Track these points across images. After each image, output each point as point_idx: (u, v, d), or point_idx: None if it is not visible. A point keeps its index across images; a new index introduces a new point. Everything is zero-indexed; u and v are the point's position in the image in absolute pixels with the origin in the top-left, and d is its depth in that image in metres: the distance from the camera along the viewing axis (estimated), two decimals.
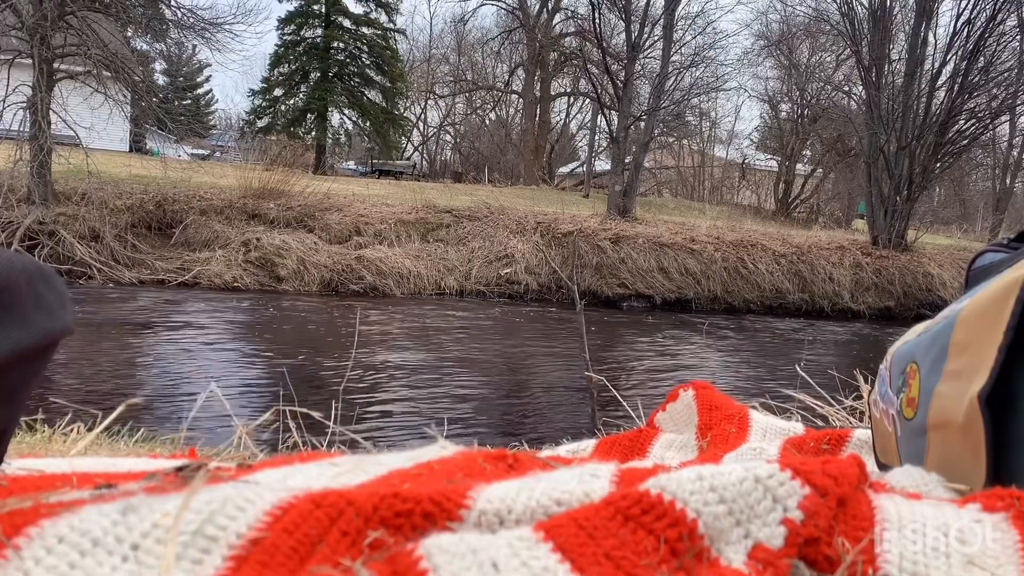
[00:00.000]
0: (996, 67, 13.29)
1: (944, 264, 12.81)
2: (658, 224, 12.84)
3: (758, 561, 0.39)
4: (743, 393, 4.03)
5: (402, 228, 11.93)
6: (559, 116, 26.62)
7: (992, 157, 19.50)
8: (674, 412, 1.28)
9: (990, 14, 12.72)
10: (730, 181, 23.50)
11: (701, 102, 20.53)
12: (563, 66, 22.24)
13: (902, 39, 14.54)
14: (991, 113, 13.48)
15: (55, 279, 0.46)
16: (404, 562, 0.36)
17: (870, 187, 13.58)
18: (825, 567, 0.40)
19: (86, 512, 0.36)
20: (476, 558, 0.36)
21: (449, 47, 29.09)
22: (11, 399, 0.43)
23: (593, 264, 11.43)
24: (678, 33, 14.89)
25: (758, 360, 8.02)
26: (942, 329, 0.64)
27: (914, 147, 12.90)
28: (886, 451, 0.79)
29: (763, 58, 20.26)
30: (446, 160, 30.10)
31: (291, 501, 0.39)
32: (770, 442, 1.06)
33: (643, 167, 15.21)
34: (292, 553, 0.37)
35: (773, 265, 11.96)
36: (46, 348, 0.44)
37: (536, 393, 6.69)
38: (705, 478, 0.42)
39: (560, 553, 0.38)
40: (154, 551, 0.34)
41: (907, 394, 0.69)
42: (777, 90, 21.70)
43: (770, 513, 0.41)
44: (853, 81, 16.64)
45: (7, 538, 0.33)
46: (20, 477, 0.56)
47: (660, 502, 0.41)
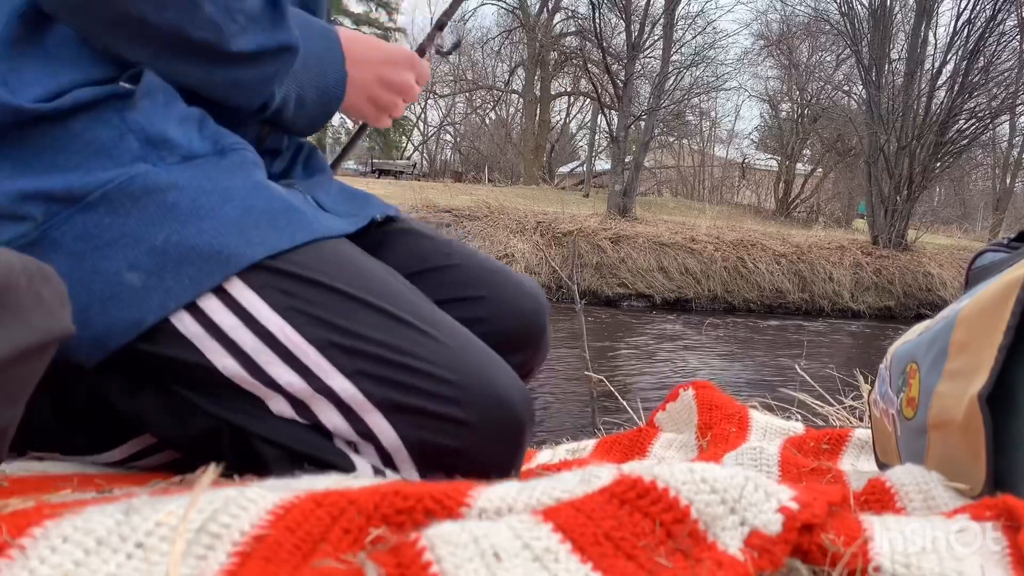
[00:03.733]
0: (996, 67, 13.29)
1: (944, 264, 12.81)
2: (658, 224, 12.84)
3: (753, 548, 0.39)
4: (743, 393, 4.03)
5: None
6: (559, 116, 26.63)
7: (992, 157, 19.50)
8: (674, 412, 1.28)
9: (990, 14, 12.72)
10: (730, 181, 23.50)
11: (701, 102, 20.55)
12: (563, 66, 22.23)
13: (902, 39, 14.54)
14: (991, 113, 13.47)
15: (55, 279, 0.46)
16: (407, 553, 0.36)
17: (870, 187, 13.58)
18: (819, 558, 0.40)
19: (89, 512, 0.36)
20: (478, 547, 0.36)
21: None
22: (11, 399, 0.43)
23: (593, 264, 11.43)
24: (678, 33, 14.91)
25: (758, 360, 8.02)
26: (942, 329, 0.64)
27: (914, 147, 12.90)
28: (886, 451, 0.79)
29: (763, 58, 20.29)
30: (446, 160, 30.13)
31: (293, 501, 0.40)
32: (770, 441, 1.06)
33: (643, 167, 15.21)
34: (295, 549, 0.37)
35: (773, 265, 11.96)
36: (46, 348, 0.44)
37: (536, 393, 6.70)
38: (696, 471, 0.43)
39: (561, 533, 0.38)
40: (159, 548, 0.34)
41: (907, 394, 0.69)
42: (777, 90, 21.72)
43: (765, 502, 0.41)
44: (853, 81, 16.65)
45: (12, 538, 0.33)
46: (21, 478, 0.56)
47: (654, 488, 0.41)
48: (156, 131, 0.60)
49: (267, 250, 0.60)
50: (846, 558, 0.39)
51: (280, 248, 0.60)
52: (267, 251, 0.60)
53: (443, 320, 0.64)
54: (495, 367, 0.63)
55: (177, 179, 0.59)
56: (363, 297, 0.61)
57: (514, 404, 0.62)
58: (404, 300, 0.64)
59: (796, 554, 0.41)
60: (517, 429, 0.62)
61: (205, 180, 0.60)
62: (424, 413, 0.59)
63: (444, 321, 0.64)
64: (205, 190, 0.60)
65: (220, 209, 0.60)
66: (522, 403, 0.63)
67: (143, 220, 0.58)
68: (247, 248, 0.59)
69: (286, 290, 0.60)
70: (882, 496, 0.58)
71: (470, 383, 0.60)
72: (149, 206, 0.58)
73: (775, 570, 0.39)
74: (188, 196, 0.59)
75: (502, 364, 0.64)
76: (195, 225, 0.58)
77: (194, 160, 0.61)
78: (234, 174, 0.62)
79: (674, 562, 0.38)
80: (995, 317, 0.55)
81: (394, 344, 0.60)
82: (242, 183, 0.62)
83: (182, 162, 0.61)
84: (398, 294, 0.64)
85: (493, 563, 0.35)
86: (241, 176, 0.63)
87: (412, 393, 0.59)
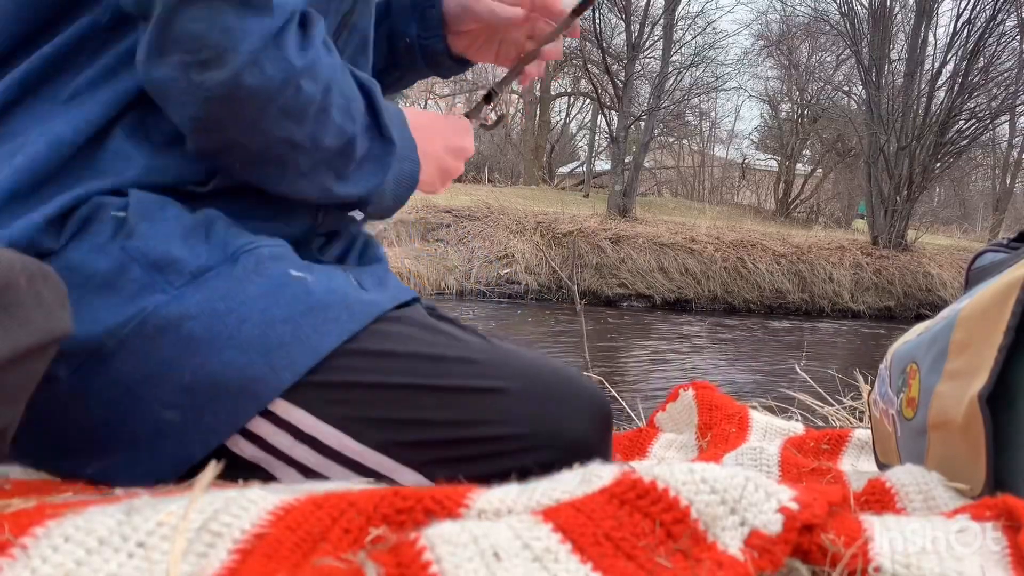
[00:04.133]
0: (996, 67, 13.31)
1: (944, 264, 12.80)
2: (658, 224, 12.83)
3: (754, 548, 0.39)
4: (743, 393, 4.03)
5: (402, 228, 11.92)
6: (559, 116, 26.62)
7: (992, 157, 19.50)
8: (674, 412, 1.28)
9: (990, 14, 12.72)
10: (730, 181, 23.49)
11: (701, 102, 20.54)
12: (563, 66, 22.23)
13: (902, 39, 14.54)
14: (991, 113, 13.48)
15: (55, 279, 0.46)
16: (407, 552, 0.36)
17: (870, 187, 13.57)
18: (819, 558, 0.40)
19: (91, 513, 0.36)
20: (478, 546, 0.36)
21: None
22: (11, 399, 0.43)
23: (593, 264, 11.42)
24: (678, 33, 14.91)
25: (758, 360, 8.02)
26: (942, 329, 0.64)
27: (914, 147, 12.90)
28: (886, 451, 0.79)
29: (763, 58, 20.29)
30: None
31: (292, 503, 0.40)
32: (770, 442, 1.07)
33: (643, 167, 15.21)
34: (296, 548, 0.37)
35: (773, 265, 11.96)
36: (46, 348, 0.44)
37: None
38: (696, 471, 0.43)
39: (561, 533, 0.38)
40: (160, 547, 0.34)
41: (907, 394, 0.69)
42: (777, 90, 21.71)
43: (765, 502, 0.41)
44: (853, 81, 16.65)
45: (14, 537, 0.33)
46: (23, 480, 0.56)
47: (654, 488, 0.41)
48: (160, 254, 0.57)
49: (294, 375, 0.57)
50: (846, 559, 0.39)
51: (307, 366, 0.57)
52: (294, 376, 0.57)
53: (503, 359, 0.62)
54: (565, 405, 0.61)
55: (188, 307, 0.57)
56: (414, 382, 0.59)
57: (587, 440, 0.61)
58: (456, 360, 0.61)
59: (796, 554, 0.41)
60: (588, 455, 0.60)
61: (218, 301, 0.57)
62: (501, 470, 0.58)
63: (506, 361, 0.62)
64: (219, 313, 0.57)
65: (239, 333, 0.57)
66: (595, 435, 0.62)
67: (164, 361, 0.56)
68: (274, 376, 0.57)
69: (334, 399, 0.58)
70: (882, 496, 0.58)
71: (538, 430, 0.59)
72: (166, 345, 0.56)
73: (775, 570, 0.39)
74: (203, 324, 0.56)
75: (573, 393, 0.63)
76: (216, 357, 0.56)
77: (204, 276, 0.58)
78: (249, 282, 0.59)
79: (674, 562, 0.38)
80: (995, 317, 0.55)
81: (457, 419, 0.59)
82: (258, 290, 0.59)
83: (192, 281, 0.58)
84: (447, 356, 0.61)
85: (493, 563, 0.35)
86: (258, 282, 0.59)
87: (482, 461, 0.59)
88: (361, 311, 0.62)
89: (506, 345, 0.65)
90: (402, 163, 0.70)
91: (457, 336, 0.64)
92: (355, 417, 0.58)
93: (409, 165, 0.71)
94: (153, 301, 0.56)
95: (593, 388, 0.65)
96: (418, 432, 0.58)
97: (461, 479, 0.56)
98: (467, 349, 0.63)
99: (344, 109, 0.62)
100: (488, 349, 0.63)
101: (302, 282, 0.61)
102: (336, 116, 0.61)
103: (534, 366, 0.63)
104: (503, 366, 0.62)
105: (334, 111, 0.60)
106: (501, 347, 0.64)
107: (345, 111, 0.62)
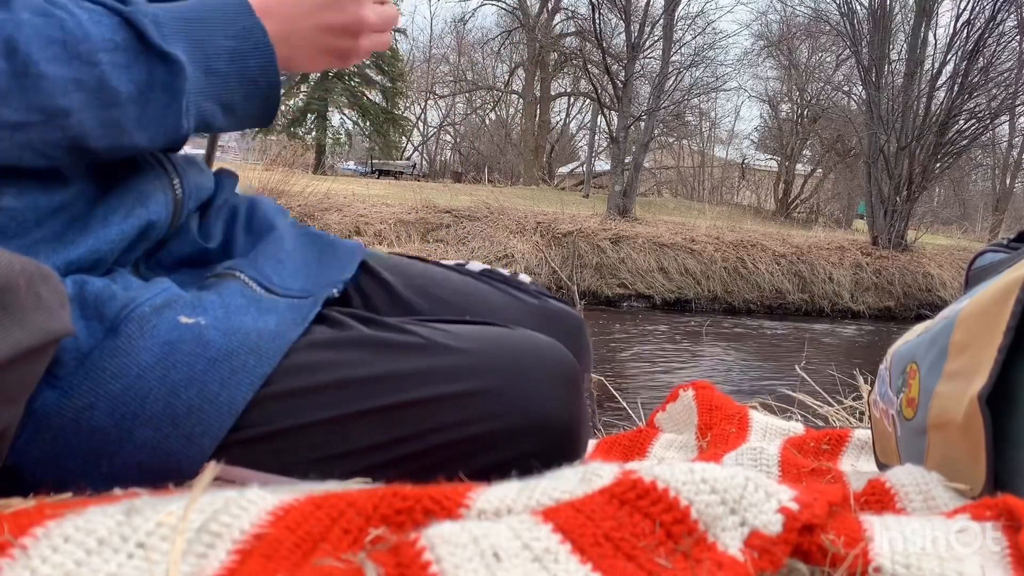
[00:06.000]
0: (996, 67, 13.30)
1: (944, 264, 12.81)
2: (658, 224, 12.84)
3: (754, 548, 0.39)
4: (743, 393, 4.03)
5: (402, 228, 11.92)
6: (559, 116, 26.65)
7: (992, 157, 19.51)
8: (674, 412, 1.28)
9: (990, 14, 12.72)
10: (730, 181, 23.51)
11: (701, 102, 20.54)
12: (563, 66, 22.25)
13: (902, 39, 14.54)
14: (991, 113, 13.48)
15: (55, 279, 0.46)
16: (407, 553, 0.36)
17: (870, 187, 13.57)
18: (819, 559, 0.40)
19: (90, 513, 0.36)
20: (478, 547, 0.36)
21: (449, 47, 29.17)
22: (11, 399, 0.43)
23: (593, 264, 11.43)
24: (678, 33, 14.91)
25: (758, 360, 8.02)
26: (942, 329, 0.64)
27: (914, 147, 12.90)
28: (886, 451, 0.79)
29: (763, 58, 20.31)
30: (446, 160, 30.14)
31: (292, 503, 0.40)
32: (770, 442, 1.07)
33: (643, 167, 15.21)
34: (295, 548, 0.37)
35: (773, 265, 11.96)
36: (46, 348, 0.44)
37: None
38: (696, 471, 0.43)
39: (561, 534, 0.38)
40: (160, 548, 0.34)
41: (907, 394, 0.69)
42: (777, 90, 21.73)
43: (766, 502, 0.41)
44: (853, 81, 16.65)
45: (13, 537, 0.33)
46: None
47: (654, 488, 0.41)
48: None
49: (213, 440, 0.52)
50: (848, 560, 0.39)
51: (226, 428, 0.52)
52: (214, 441, 0.52)
53: (440, 358, 0.57)
54: (528, 385, 0.57)
55: (84, 397, 0.51)
56: (346, 412, 0.54)
57: (556, 419, 0.57)
58: (386, 378, 0.56)
59: (796, 555, 0.41)
60: (561, 432, 0.58)
61: (111, 381, 0.52)
62: (476, 469, 0.55)
63: (442, 358, 0.57)
64: (117, 395, 0.51)
65: (143, 411, 0.52)
66: (564, 410, 0.58)
67: (79, 456, 0.51)
68: (193, 447, 0.52)
69: (267, 451, 0.54)
70: (882, 496, 0.58)
71: (495, 427, 0.56)
72: (73, 443, 0.51)
73: (775, 571, 0.39)
74: (104, 411, 0.51)
75: (536, 371, 0.58)
76: (129, 440, 0.51)
77: (85, 362, 0.52)
78: (138, 351, 0.53)
79: (674, 563, 0.38)
80: (995, 317, 0.55)
81: (402, 436, 0.55)
82: (151, 358, 0.53)
83: (77, 369, 0.52)
84: (375, 375, 0.56)
85: (493, 563, 0.35)
86: (147, 348, 0.53)
87: (450, 464, 0.55)
88: (269, 349, 0.55)
89: (448, 331, 0.59)
90: (244, 59, 0.59)
91: (389, 341, 0.58)
92: (295, 461, 0.54)
93: (257, 62, 0.60)
94: (42, 399, 0.51)
95: (549, 352, 0.60)
96: (366, 459, 0.55)
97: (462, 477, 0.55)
98: (399, 356, 0.57)
99: (61, 58, 0.51)
100: (424, 346, 0.57)
101: (195, 329, 0.55)
102: (52, 69, 0.50)
103: (480, 351, 0.58)
104: (440, 369, 0.57)
105: (44, 66, 0.50)
106: (437, 341, 0.58)
107: (64, 59, 0.51)
